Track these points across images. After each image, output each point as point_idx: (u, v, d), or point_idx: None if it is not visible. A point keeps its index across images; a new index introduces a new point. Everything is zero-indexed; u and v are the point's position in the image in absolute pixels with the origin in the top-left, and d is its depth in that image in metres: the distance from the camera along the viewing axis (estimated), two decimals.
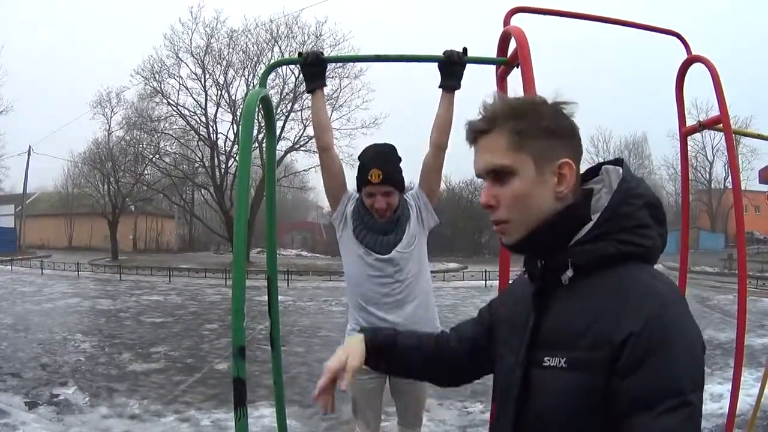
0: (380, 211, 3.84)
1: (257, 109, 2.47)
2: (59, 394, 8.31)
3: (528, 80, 2.72)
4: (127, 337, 13.29)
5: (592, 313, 1.46)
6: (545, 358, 1.53)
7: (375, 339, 1.96)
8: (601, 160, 1.71)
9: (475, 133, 1.61)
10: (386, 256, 3.86)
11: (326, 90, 3.84)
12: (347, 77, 47.65)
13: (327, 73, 3.62)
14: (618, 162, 1.66)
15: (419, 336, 2.10)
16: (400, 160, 3.95)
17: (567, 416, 1.47)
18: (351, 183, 4.11)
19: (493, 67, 3.25)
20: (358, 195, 4.00)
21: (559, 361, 1.49)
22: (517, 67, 2.92)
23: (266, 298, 2.91)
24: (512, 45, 3.07)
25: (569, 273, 1.54)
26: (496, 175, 1.58)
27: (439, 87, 3.64)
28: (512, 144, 1.56)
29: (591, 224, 1.55)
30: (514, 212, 1.58)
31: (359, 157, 3.96)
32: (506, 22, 3.30)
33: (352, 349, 1.91)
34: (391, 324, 3.74)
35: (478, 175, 1.63)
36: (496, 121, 1.57)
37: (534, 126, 1.56)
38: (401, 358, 1.99)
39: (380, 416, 4.18)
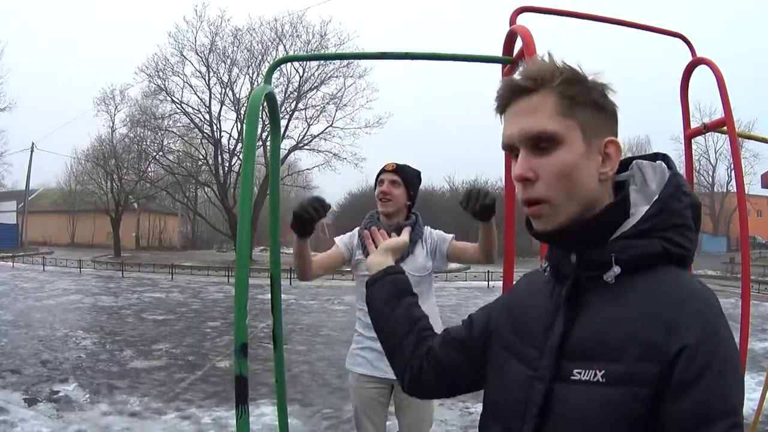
0: (383, 195, 3.96)
1: (261, 106, 2.46)
2: (59, 391, 8.32)
3: None
4: (129, 334, 13.32)
5: (638, 319, 1.26)
6: (575, 371, 1.30)
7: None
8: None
9: (515, 93, 1.39)
10: None
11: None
12: (351, 77, 47.76)
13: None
14: (657, 157, 1.48)
15: (421, 316, 1.91)
16: (420, 180, 4.18)
17: None
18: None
19: (498, 67, 3.24)
20: (359, 228, 4.14)
21: (595, 374, 1.26)
22: None
23: (269, 296, 2.90)
24: (518, 44, 3.06)
25: (616, 270, 1.32)
26: (538, 143, 1.36)
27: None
28: (563, 108, 1.35)
29: (638, 217, 1.36)
30: (557, 189, 1.35)
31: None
32: (512, 21, 3.30)
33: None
34: None
35: (509, 145, 1.41)
36: (545, 80, 1.36)
37: (585, 94, 1.37)
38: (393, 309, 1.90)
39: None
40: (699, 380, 1.17)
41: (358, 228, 4.17)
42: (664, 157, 1.47)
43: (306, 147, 49.76)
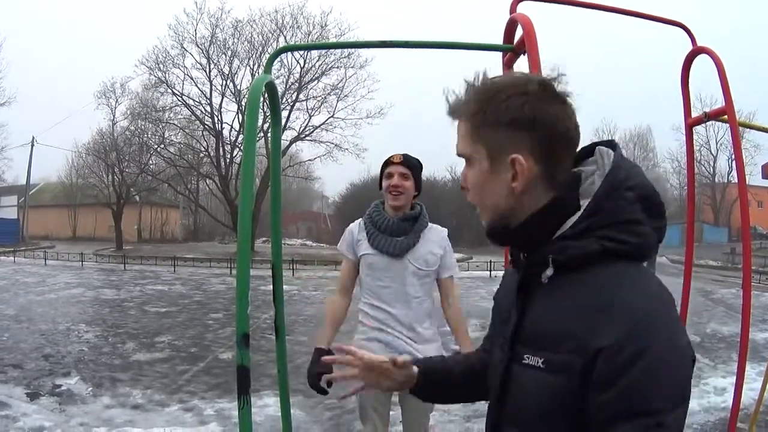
0: (395, 189, 3.92)
1: (262, 96, 2.45)
2: (61, 385, 8.32)
3: (534, 67, 2.71)
4: (131, 327, 13.35)
5: (571, 315, 1.36)
6: (525, 356, 1.45)
7: (428, 368, 1.96)
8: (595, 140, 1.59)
9: (454, 117, 1.58)
10: (398, 260, 3.93)
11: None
12: (352, 67, 47.80)
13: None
14: (611, 145, 1.55)
15: (468, 359, 2.01)
16: (422, 169, 4.15)
17: (540, 417, 1.40)
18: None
19: (499, 55, 3.24)
20: (361, 218, 4.15)
21: (537, 361, 1.41)
22: (524, 54, 2.91)
23: (271, 287, 2.89)
24: (518, 32, 3.06)
25: (549, 272, 1.43)
26: (466, 160, 1.56)
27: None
28: (470, 133, 1.51)
29: (575, 218, 1.44)
30: (475, 197, 1.56)
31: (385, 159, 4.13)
32: (512, 9, 3.30)
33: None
34: (397, 317, 3.89)
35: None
36: (458, 110, 1.54)
37: (491, 117, 1.47)
38: (456, 385, 1.95)
39: (388, 422, 4.08)
40: (619, 378, 1.25)
41: (356, 222, 4.18)
42: (615, 146, 1.54)
43: (307, 138, 49.93)
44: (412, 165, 4.00)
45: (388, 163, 4.01)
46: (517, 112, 1.44)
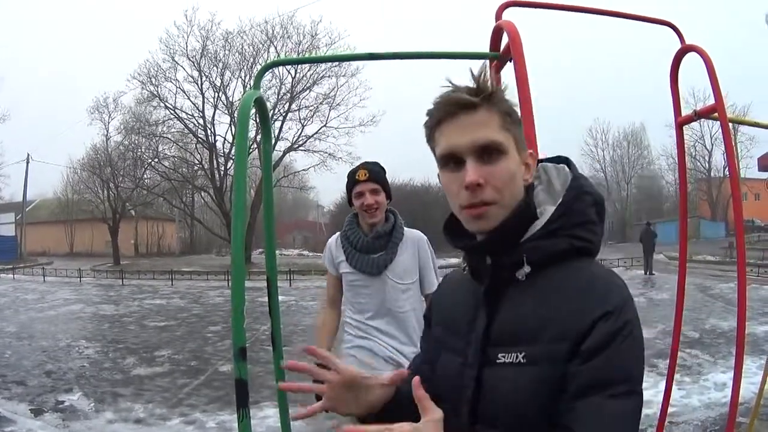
0: (370, 208, 3.87)
1: (253, 111, 2.47)
2: (64, 401, 8.35)
3: (521, 75, 2.72)
4: (131, 342, 13.36)
5: (553, 307, 1.43)
6: (499, 355, 1.48)
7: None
8: (551, 155, 1.71)
9: (460, 108, 1.50)
10: (376, 277, 3.92)
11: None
12: (344, 76, 47.77)
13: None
14: (561, 160, 1.66)
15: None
16: (385, 172, 4.04)
17: (520, 410, 1.43)
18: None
19: (487, 62, 3.26)
20: (338, 233, 4.13)
21: (516, 357, 1.44)
22: (510, 62, 2.93)
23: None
24: (505, 39, 3.07)
25: (526, 269, 1.49)
26: (485, 152, 1.49)
27: None
28: (504, 122, 1.50)
29: (545, 220, 1.52)
30: (503, 192, 1.49)
31: (348, 175, 4.05)
32: (498, 16, 3.30)
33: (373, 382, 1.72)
34: (379, 329, 3.91)
35: (454, 154, 1.51)
36: (490, 97, 1.50)
37: (514, 112, 1.55)
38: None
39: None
40: (604, 348, 1.36)
41: (334, 237, 4.17)
42: (567, 161, 1.66)
43: (301, 148, 49.95)
44: (379, 178, 3.94)
45: (354, 181, 3.92)
46: (518, 115, 1.58)
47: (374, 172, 3.93)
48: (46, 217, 70.70)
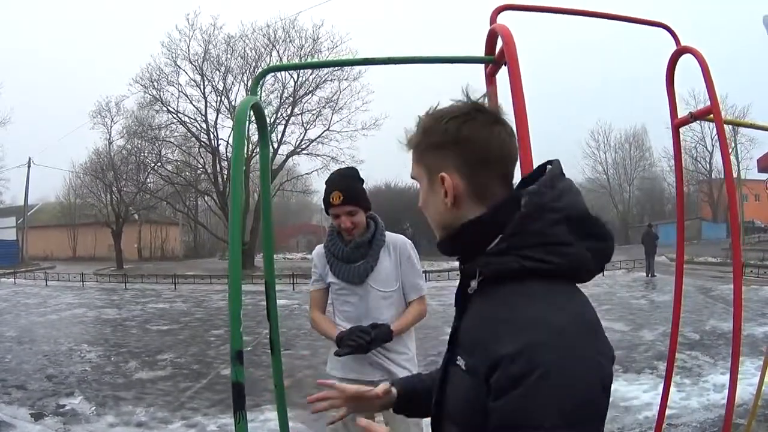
0: (347, 230, 3.89)
1: (249, 117, 2.50)
2: (65, 405, 8.38)
3: (515, 78, 2.73)
4: (134, 346, 13.40)
5: (483, 324, 1.46)
6: (457, 357, 1.54)
7: (406, 387, 2.07)
8: (547, 159, 1.65)
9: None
10: (360, 285, 3.94)
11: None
12: (346, 80, 47.81)
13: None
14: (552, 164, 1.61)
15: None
16: (361, 181, 4.01)
17: (463, 414, 1.49)
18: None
19: (482, 66, 3.28)
20: (322, 244, 4.15)
21: (464, 363, 1.49)
22: (505, 65, 2.94)
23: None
24: (500, 43, 3.09)
25: (474, 283, 1.54)
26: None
27: None
28: (415, 158, 1.68)
29: (500, 236, 1.49)
30: (428, 216, 1.69)
31: (325, 183, 4.02)
32: (493, 20, 3.31)
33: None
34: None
35: None
36: (409, 141, 1.68)
37: (426, 142, 1.63)
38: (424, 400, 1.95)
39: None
40: (510, 389, 1.31)
41: (318, 248, 4.19)
42: (555, 165, 1.60)
43: (304, 152, 49.86)
44: (353, 197, 3.87)
45: (329, 203, 3.89)
46: (448, 134, 1.58)
47: (348, 194, 3.87)
48: (48, 221, 70.75)
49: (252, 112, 2.56)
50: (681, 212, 4.61)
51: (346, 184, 3.90)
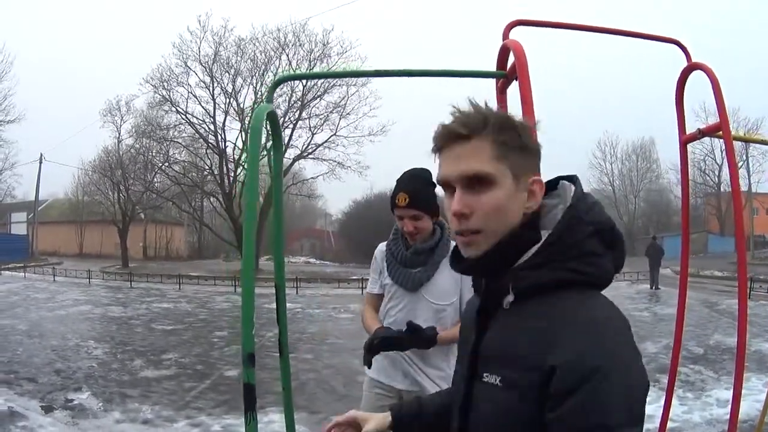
0: (409, 234, 3.73)
1: (265, 126, 2.54)
2: (74, 399, 8.49)
3: (525, 94, 2.77)
4: (139, 344, 13.48)
5: (529, 336, 1.45)
6: (484, 374, 1.54)
7: (399, 412, 2.02)
8: (562, 174, 1.68)
9: (451, 138, 1.56)
10: (412, 293, 3.76)
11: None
12: (354, 85, 47.88)
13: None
14: (573, 179, 1.65)
15: (441, 395, 2.07)
16: (432, 185, 3.66)
17: (497, 429, 1.50)
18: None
19: (493, 80, 3.32)
20: (385, 242, 3.99)
21: (495, 379, 1.50)
22: (516, 81, 2.98)
23: (274, 305, 2.97)
24: (512, 58, 3.13)
25: (510, 298, 1.54)
26: (472, 183, 1.53)
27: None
28: (496, 153, 1.52)
29: (536, 248, 1.53)
30: (489, 223, 1.53)
31: (392, 190, 3.84)
32: (505, 35, 3.34)
33: (372, 416, 1.99)
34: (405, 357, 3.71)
35: (446, 181, 1.58)
36: (480, 128, 1.53)
37: (514, 139, 1.54)
38: (429, 424, 1.97)
39: None
40: (571, 395, 1.34)
41: (381, 246, 4.02)
42: (575, 180, 1.64)
43: (310, 156, 49.94)
44: (420, 202, 3.65)
45: (395, 204, 3.71)
46: (531, 139, 1.58)
47: (415, 198, 3.66)
48: (56, 218, 70.87)
49: (267, 121, 2.61)
50: (686, 226, 4.63)
51: (414, 187, 3.69)
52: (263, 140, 2.69)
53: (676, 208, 75.50)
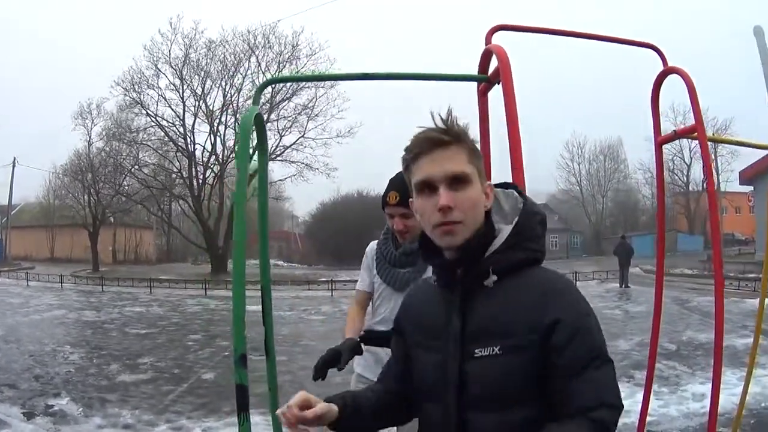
0: (399, 233, 3.76)
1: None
2: (54, 405, 8.42)
3: (509, 97, 2.82)
4: (114, 348, 13.41)
5: (520, 305, 1.75)
6: (475, 350, 1.77)
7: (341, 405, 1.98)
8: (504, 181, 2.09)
9: (436, 144, 1.83)
10: (400, 293, 3.71)
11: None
12: (323, 87, 47.67)
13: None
14: (508, 186, 2.01)
15: (373, 391, 2.13)
16: None
17: (503, 392, 1.73)
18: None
19: (474, 84, 3.36)
20: (376, 241, 4.03)
21: (492, 350, 1.74)
22: (498, 84, 3.03)
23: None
24: (493, 62, 3.18)
25: (494, 278, 1.81)
26: (454, 182, 1.81)
27: None
28: (470, 158, 1.84)
29: (504, 237, 1.85)
30: (468, 215, 1.81)
31: (384, 190, 3.84)
32: (488, 40, 3.37)
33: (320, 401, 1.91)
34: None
35: (429, 181, 1.83)
36: (459, 136, 1.84)
37: (477, 148, 1.90)
38: (363, 418, 2.01)
39: None
40: (572, 339, 1.70)
41: (372, 245, 4.06)
42: (515, 187, 2.03)
43: (278, 158, 49.67)
44: (408, 202, 3.68)
45: (385, 202, 3.74)
46: (476, 145, 1.92)
47: (405, 196, 3.64)
48: (28, 222, 70.12)
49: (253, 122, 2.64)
50: (662, 226, 4.71)
51: (405, 185, 3.72)
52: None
53: (644, 208, 76.16)
